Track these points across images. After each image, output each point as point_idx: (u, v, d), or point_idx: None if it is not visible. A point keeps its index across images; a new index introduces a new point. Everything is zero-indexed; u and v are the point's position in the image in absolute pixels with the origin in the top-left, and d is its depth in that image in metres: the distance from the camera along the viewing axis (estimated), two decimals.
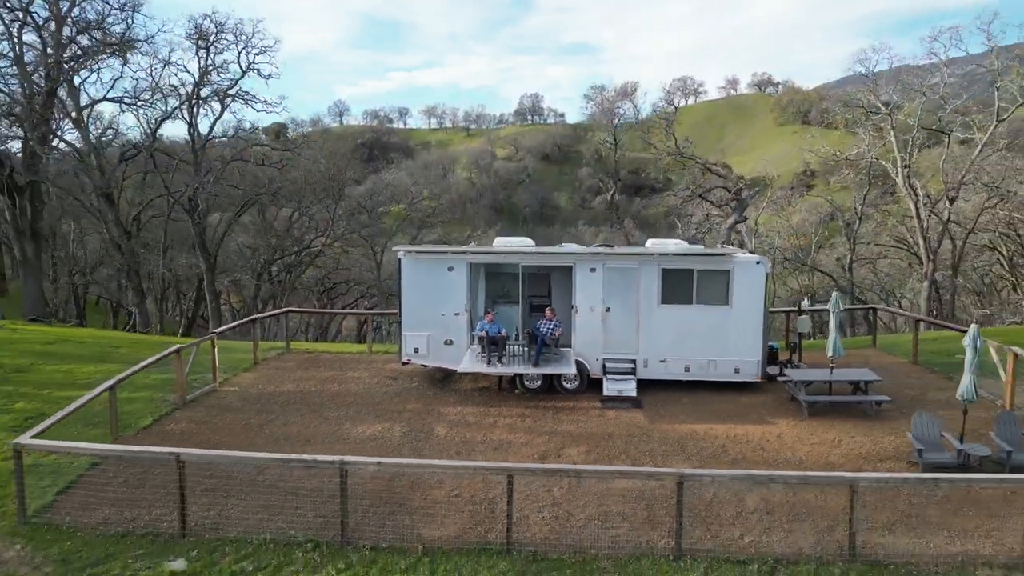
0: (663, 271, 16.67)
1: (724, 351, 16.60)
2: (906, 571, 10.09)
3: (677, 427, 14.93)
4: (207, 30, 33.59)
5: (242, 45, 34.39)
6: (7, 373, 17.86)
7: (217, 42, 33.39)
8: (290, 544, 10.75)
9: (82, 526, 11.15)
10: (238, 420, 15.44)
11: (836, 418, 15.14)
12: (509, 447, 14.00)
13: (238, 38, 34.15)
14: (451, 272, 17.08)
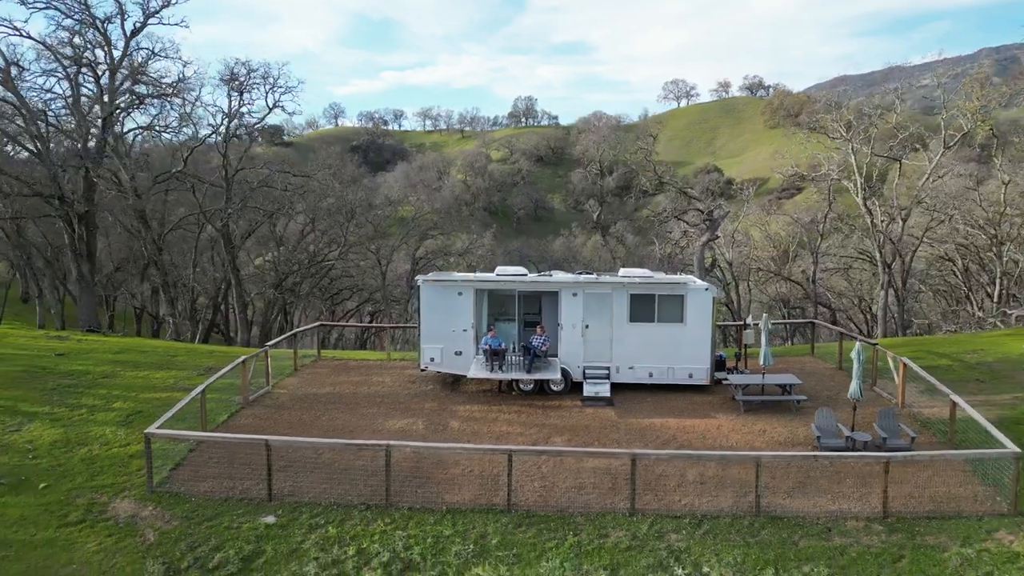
0: (631, 296, 20.65)
1: (680, 360, 20.60)
2: (796, 523, 14.12)
3: (641, 421, 18.92)
4: (239, 73, 37.47)
5: (269, 86, 38.33)
6: (97, 379, 21.75)
7: (247, 85, 37.24)
8: (348, 506, 14.69)
9: (193, 493, 15.08)
10: (292, 416, 19.37)
11: (765, 413, 19.16)
12: (508, 435, 17.95)
13: (266, 80, 38.06)
14: (460, 296, 21.04)
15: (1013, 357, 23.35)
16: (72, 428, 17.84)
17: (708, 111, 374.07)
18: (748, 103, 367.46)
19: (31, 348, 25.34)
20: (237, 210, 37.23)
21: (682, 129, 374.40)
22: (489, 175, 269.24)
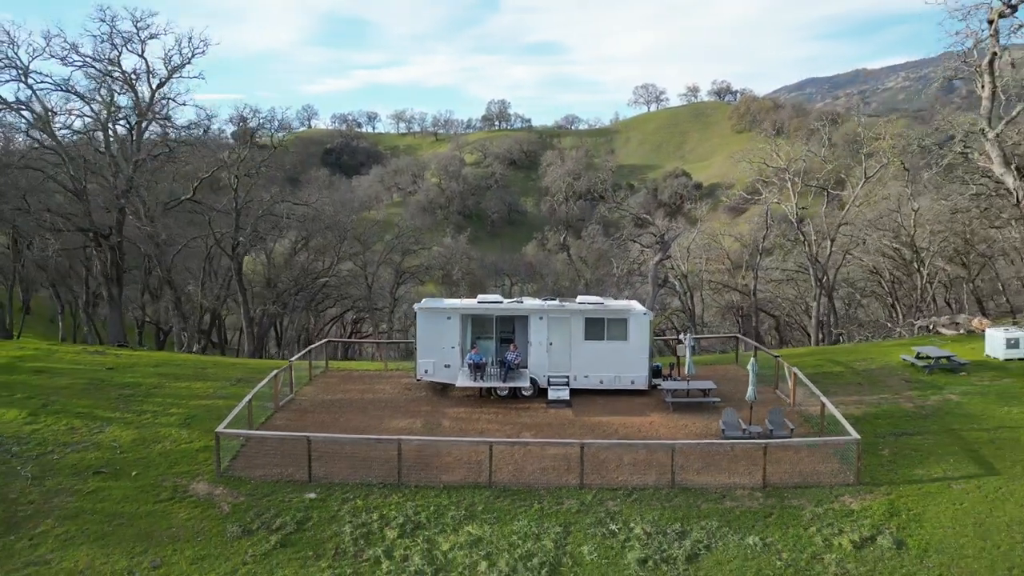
0: (586, 319, 25.82)
1: (624, 370, 25.81)
2: (700, 492, 19.33)
3: (592, 418, 24.08)
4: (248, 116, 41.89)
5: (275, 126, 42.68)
6: (150, 389, 26.34)
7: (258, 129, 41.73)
8: (370, 485, 19.59)
9: (251, 478, 19.87)
10: (316, 418, 24.19)
11: (689, 412, 24.44)
12: (488, 431, 22.97)
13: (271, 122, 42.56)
14: (449, 320, 26.02)
15: (892, 365, 28.99)
16: (144, 429, 22.50)
17: (678, 115, 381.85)
18: (716, 108, 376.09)
19: (82, 363, 29.78)
20: (248, 236, 41.77)
21: (652, 133, 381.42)
22: (463, 179, 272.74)
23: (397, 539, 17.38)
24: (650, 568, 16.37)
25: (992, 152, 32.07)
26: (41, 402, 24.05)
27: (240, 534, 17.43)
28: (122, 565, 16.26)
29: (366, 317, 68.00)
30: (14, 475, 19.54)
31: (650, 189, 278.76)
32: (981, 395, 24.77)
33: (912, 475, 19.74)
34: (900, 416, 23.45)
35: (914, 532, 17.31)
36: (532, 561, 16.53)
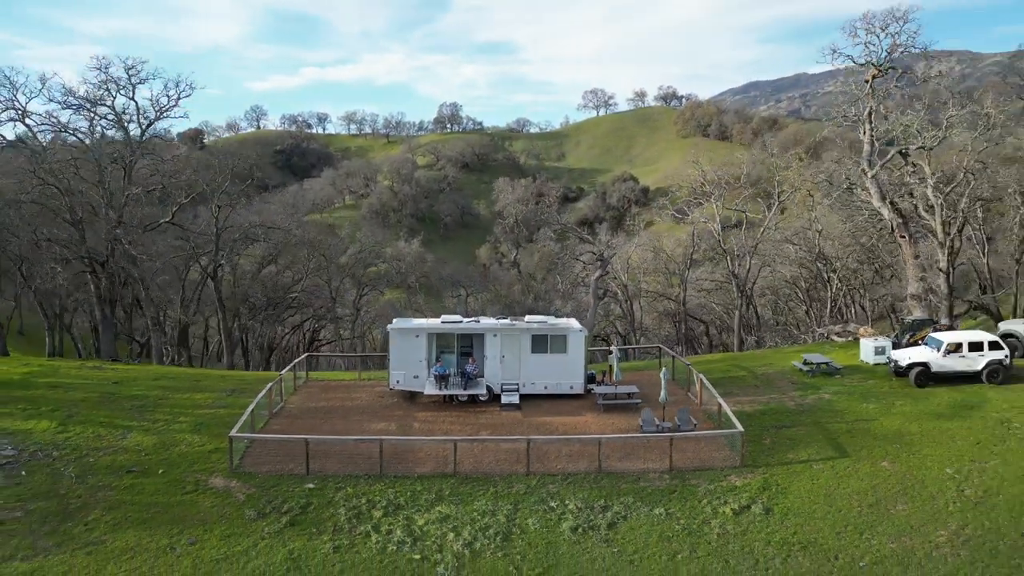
0: (532, 336, 30.85)
1: (564, 377, 30.93)
2: (621, 475, 24.51)
3: (537, 418, 29.11)
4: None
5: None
6: (156, 400, 30.34)
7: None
8: (357, 476, 24.20)
9: (258, 473, 24.27)
10: (305, 423, 28.62)
11: (616, 412, 29.69)
12: (452, 431, 27.78)
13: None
14: (417, 338, 30.73)
15: (785, 369, 34.89)
16: (161, 435, 26.62)
17: (625, 120, 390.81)
18: (662, 113, 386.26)
19: (89, 378, 33.46)
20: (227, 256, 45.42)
21: (601, 137, 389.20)
22: (416, 182, 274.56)
23: (382, 517, 22.07)
24: (579, 534, 21.44)
25: (871, 188, 38.31)
26: (66, 413, 27.91)
27: (256, 517, 21.89)
28: (164, 543, 20.56)
29: (325, 324, 71.82)
30: (59, 475, 23.55)
31: (599, 193, 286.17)
32: (848, 394, 30.73)
33: (784, 458, 25.36)
34: (782, 412, 29.19)
35: (780, 501, 22.83)
36: (489, 531, 21.43)
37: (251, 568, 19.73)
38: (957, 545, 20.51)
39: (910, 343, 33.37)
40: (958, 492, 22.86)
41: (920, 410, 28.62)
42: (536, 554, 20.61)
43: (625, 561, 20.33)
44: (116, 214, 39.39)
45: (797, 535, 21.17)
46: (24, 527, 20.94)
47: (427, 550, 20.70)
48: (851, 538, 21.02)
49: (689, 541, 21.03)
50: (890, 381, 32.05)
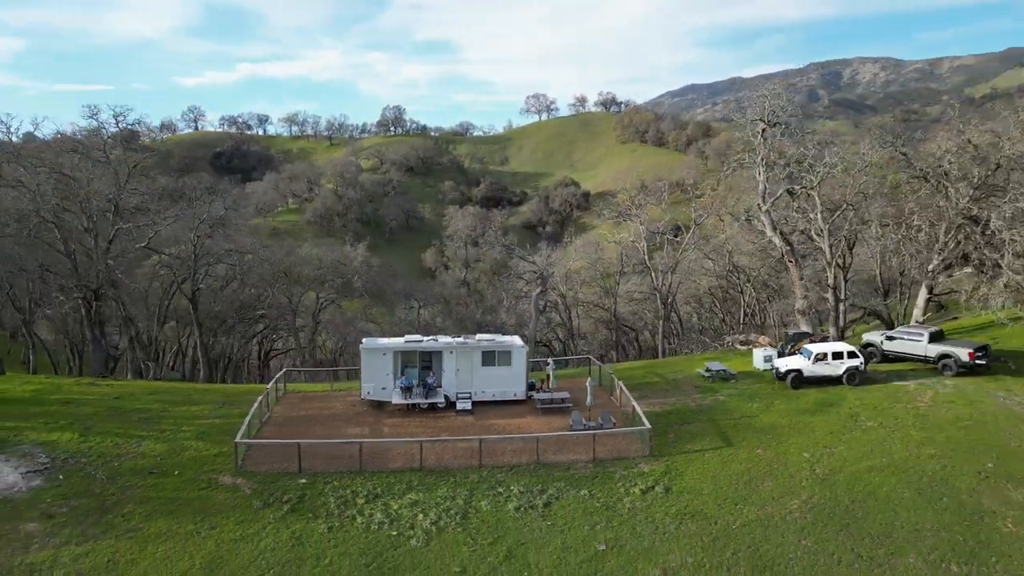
0: (482, 352, 36.79)
1: (509, 386, 36.96)
2: (555, 466, 30.67)
3: (488, 421, 35.07)
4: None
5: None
6: (158, 413, 35.04)
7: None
8: (341, 472, 29.71)
9: (259, 472, 29.52)
10: (292, 429, 33.84)
11: (552, 414, 35.90)
12: (416, 433, 33.48)
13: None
14: (385, 355, 36.28)
15: (691, 375, 41.80)
16: (170, 443, 31.52)
17: (566, 125, 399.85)
18: (603, 118, 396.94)
19: (91, 394, 37.78)
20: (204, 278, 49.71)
21: (543, 141, 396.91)
22: (360, 185, 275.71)
23: (364, 504, 27.66)
24: (522, 512, 27.47)
25: (765, 221, 45.68)
26: (83, 426, 32.48)
27: (262, 506, 27.21)
28: (190, 528, 25.73)
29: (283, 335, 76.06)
30: (92, 478, 28.34)
31: (542, 197, 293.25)
32: (739, 396, 37.75)
33: (683, 449, 31.99)
34: (685, 412, 35.95)
35: (677, 482, 29.37)
36: (450, 512, 27.26)
37: (263, 545, 25.12)
38: (805, 511, 27.38)
39: (790, 353, 40.65)
40: (811, 471, 29.85)
41: (792, 407, 35.78)
42: (488, 528, 26.55)
43: (556, 531, 26.47)
44: (105, 244, 43.45)
45: (688, 507, 27.72)
46: (72, 519, 25.81)
47: (402, 527, 26.41)
48: (728, 508, 27.68)
49: (606, 514, 27.31)
50: (773, 384, 39.24)
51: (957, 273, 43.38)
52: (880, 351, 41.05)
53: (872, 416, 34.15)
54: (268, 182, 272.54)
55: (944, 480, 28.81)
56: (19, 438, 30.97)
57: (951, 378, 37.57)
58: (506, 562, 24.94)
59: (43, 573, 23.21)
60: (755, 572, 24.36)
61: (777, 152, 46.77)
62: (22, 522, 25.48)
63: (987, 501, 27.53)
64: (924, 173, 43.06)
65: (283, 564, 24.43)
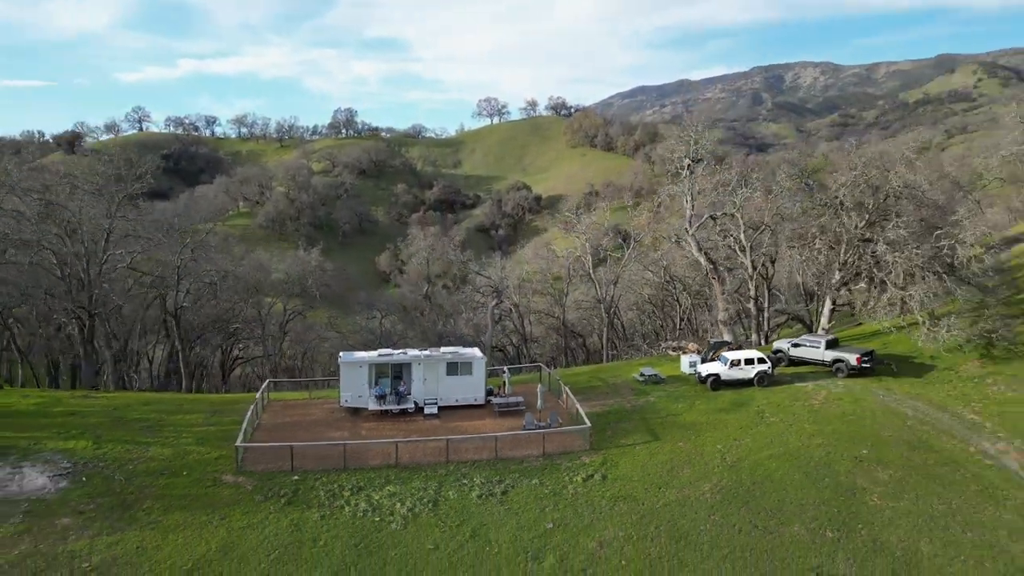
0: (447, 363, 42.11)
1: (470, 392, 42.38)
2: (512, 460, 36.28)
3: (452, 424, 40.42)
4: None
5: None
6: (157, 422, 39.28)
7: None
8: (328, 470, 34.72)
9: (256, 471, 34.31)
10: (279, 434, 38.56)
11: (508, 416, 41.46)
12: (390, 434, 38.61)
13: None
14: (361, 368, 41.28)
15: (628, 379, 47.93)
16: (174, 448, 35.99)
17: (518, 129, 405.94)
18: (553, 122, 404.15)
19: (92, 406, 41.66)
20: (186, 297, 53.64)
21: (495, 145, 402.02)
22: (313, 189, 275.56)
23: (350, 496, 32.75)
24: (483, 499, 32.91)
25: (691, 243, 52.16)
26: (94, 435, 36.66)
27: (263, 499, 32.08)
28: (203, 519, 30.47)
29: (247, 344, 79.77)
30: (111, 479, 32.73)
31: (495, 200, 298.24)
32: (667, 397, 43.98)
33: (619, 443, 37.93)
34: (621, 412, 41.99)
35: (612, 471, 35.25)
36: (423, 500, 32.54)
37: (267, 531, 30.07)
38: (715, 492, 33.57)
39: (711, 359, 47.09)
40: (721, 460, 36.11)
41: (710, 407, 42.15)
42: (455, 513, 31.96)
43: (512, 514, 32.04)
44: (98, 267, 47.11)
45: (621, 492, 33.62)
46: (99, 514, 30.30)
47: (383, 514, 31.63)
48: (653, 491, 33.68)
49: (553, 499, 33.01)
50: (696, 387, 45.62)
51: (854, 287, 50.38)
52: (787, 356, 47.83)
53: (775, 413, 40.75)
54: (218, 185, 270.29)
55: (827, 464, 35.40)
56: (39, 447, 35.03)
57: (843, 379, 44.50)
58: (471, 540, 30.41)
59: (83, 558, 27.75)
60: (673, 542, 30.38)
61: (705, 178, 53.26)
62: (57, 518, 29.87)
63: (859, 480, 34.18)
64: (824, 202, 50.06)
65: (285, 546, 29.44)
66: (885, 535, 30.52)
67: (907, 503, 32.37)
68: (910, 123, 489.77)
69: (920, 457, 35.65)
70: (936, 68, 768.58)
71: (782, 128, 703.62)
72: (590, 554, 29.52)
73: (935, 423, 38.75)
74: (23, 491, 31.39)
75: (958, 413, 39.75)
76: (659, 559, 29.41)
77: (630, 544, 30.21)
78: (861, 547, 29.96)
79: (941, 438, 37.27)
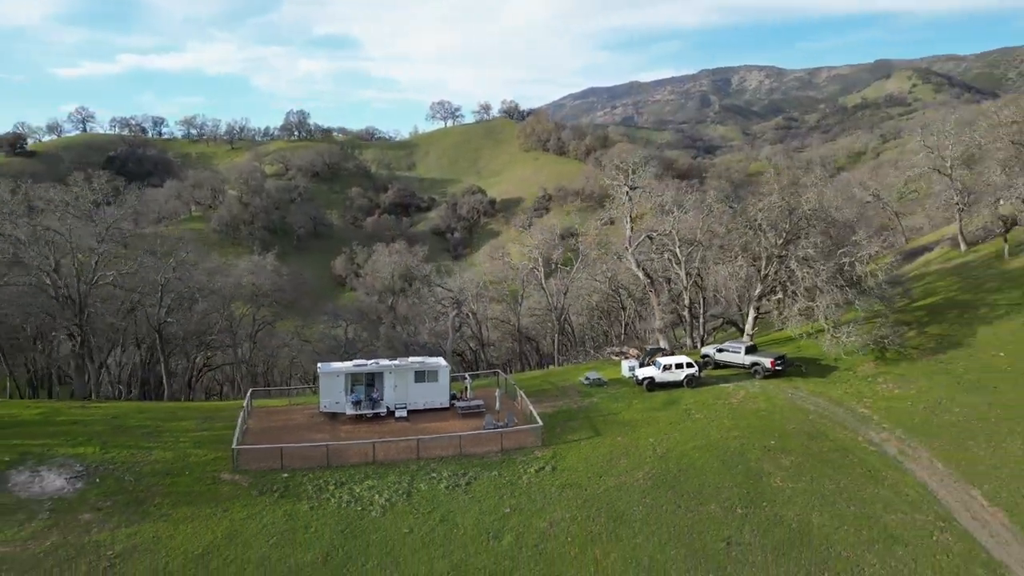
0: (415, 372, 47.47)
1: (436, 397, 47.79)
2: (474, 456, 41.85)
3: (420, 425, 45.77)
4: None
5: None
6: (155, 428, 43.59)
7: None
8: (314, 468, 39.78)
9: (251, 469, 39.16)
10: (267, 437, 43.33)
11: (470, 417, 46.96)
12: (367, 436, 43.77)
13: None
14: (338, 377, 46.31)
15: (575, 382, 54.00)
16: (175, 451, 40.50)
17: (471, 132, 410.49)
18: (506, 126, 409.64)
19: (92, 415, 45.63)
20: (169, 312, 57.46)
21: (449, 148, 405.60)
22: (266, 193, 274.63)
23: (334, 489, 37.88)
24: (450, 489, 38.38)
25: (631, 260, 58.59)
26: (100, 441, 40.90)
27: (258, 494, 36.99)
28: (208, 511, 35.26)
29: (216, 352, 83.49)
30: (122, 479, 37.19)
31: (450, 204, 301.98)
32: (609, 398, 50.16)
33: (567, 439, 43.85)
34: (569, 411, 48.00)
35: (561, 463, 41.14)
36: (398, 492, 37.88)
37: (265, 520, 35.08)
38: (647, 479, 39.75)
39: (647, 364, 53.46)
40: (653, 451, 42.33)
41: (646, 406, 48.47)
42: (426, 502, 37.41)
43: (475, 501, 37.64)
44: (87, 287, 50.84)
45: (568, 480, 39.52)
46: (116, 510, 34.85)
47: (364, 504, 36.89)
48: (595, 480, 39.68)
49: (510, 488, 38.73)
50: (634, 389, 51.93)
51: (772, 299, 57.39)
52: (713, 360, 54.56)
53: (700, 410, 47.29)
54: (170, 189, 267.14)
55: (741, 453, 41.94)
56: (51, 453, 39.17)
57: (759, 380, 51.38)
58: (441, 524, 35.93)
59: (107, 547, 32.38)
60: (611, 521, 36.38)
61: (642, 204, 59.74)
62: (79, 513, 34.33)
63: (766, 466, 40.78)
64: (746, 224, 56.95)
65: (281, 533, 34.52)
66: (784, 510, 37.04)
67: (804, 484, 39.01)
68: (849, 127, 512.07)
69: (817, 445, 42.47)
70: (873, 72, 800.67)
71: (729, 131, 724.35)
72: (541, 532, 35.30)
73: (832, 416, 45.79)
74: (45, 492, 35.68)
75: (852, 408, 46.89)
76: (599, 535, 35.37)
77: (575, 524, 36.10)
78: (764, 520, 36.39)
79: (836, 429, 44.24)
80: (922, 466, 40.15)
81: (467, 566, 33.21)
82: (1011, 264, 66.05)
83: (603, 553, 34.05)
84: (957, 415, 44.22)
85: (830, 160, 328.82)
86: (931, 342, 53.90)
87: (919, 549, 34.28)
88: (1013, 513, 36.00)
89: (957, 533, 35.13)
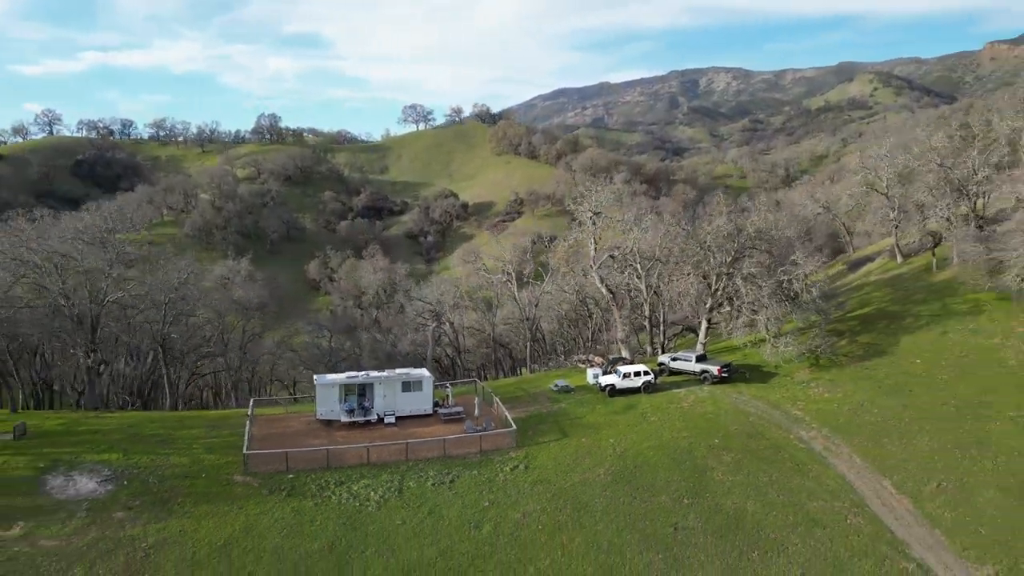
0: (402, 382, 52.98)
1: (421, 405, 53.32)
2: (456, 456, 47.53)
3: (408, 430, 51.25)
4: None
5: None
6: (168, 436, 48.46)
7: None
8: (316, 469, 45.12)
9: (259, 472, 44.39)
10: (270, 443, 48.47)
11: (452, 422, 52.58)
12: (360, 440, 49.18)
13: None
14: (333, 388, 51.62)
15: (545, 389, 59.95)
16: (190, 456, 45.50)
17: (443, 136, 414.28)
18: (478, 130, 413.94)
19: (106, 424, 50.29)
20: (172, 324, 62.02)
21: (422, 151, 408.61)
22: (239, 197, 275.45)
23: (335, 488, 43.28)
24: (436, 486, 44.00)
25: (595, 277, 64.69)
26: (122, 448, 45.74)
27: (268, 493, 42.25)
28: (225, 508, 40.45)
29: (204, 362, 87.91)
30: (147, 482, 42.18)
31: (423, 208, 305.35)
32: (575, 404, 56.20)
33: (538, 441, 49.73)
34: (539, 416, 53.91)
35: (533, 463, 46.99)
36: (391, 490, 43.39)
37: (276, 515, 40.44)
38: (608, 475, 45.77)
39: (609, 372, 59.58)
40: (613, 450, 48.38)
41: (607, 410, 54.59)
42: (416, 498, 43.01)
43: (458, 496, 43.34)
44: (99, 308, 55.34)
45: (539, 477, 45.39)
46: (145, 508, 39.90)
47: (361, 500, 42.36)
48: (563, 475, 45.61)
49: (489, 485, 44.48)
50: (598, 395, 58.03)
51: (721, 312, 63.94)
52: (668, 368, 60.93)
53: (655, 414, 53.54)
54: (141, 194, 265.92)
55: (689, 451, 48.17)
56: (80, 459, 43.96)
57: (708, 386, 57.82)
58: (429, 516, 41.57)
59: (140, 540, 37.48)
60: (576, 511, 42.32)
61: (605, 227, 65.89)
62: (112, 512, 39.33)
63: (710, 462, 47.05)
64: (697, 244, 63.45)
65: (291, 526, 39.88)
66: (724, 500, 43.27)
67: (741, 477, 45.33)
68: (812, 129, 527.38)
69: (755, 443, 48.91)
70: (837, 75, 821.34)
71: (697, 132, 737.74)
72: (516, 522, 41.12)
73: (769, 418, 52.35)
74: (80, 494, 40.56)
75: (787, 410, 53.51)
76: (565, 524, 41.27)
77: (545, 514, 41.97)
78: (707, 509, 42.55)
79: (771, 429, 50.77)
80: (842, 460, 46.74)
81: (452, 551, 38.87)
82: (937, 277, 73.45)
83: (569, 539, 39.94)
84: (876, 416, 50.98)
85: (794, 163, 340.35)
86: (860, 350, 60.86)
87: (835, 531, 40.60)
88: (916, 500, 42.57)
89: (868, 517, 41.58)
